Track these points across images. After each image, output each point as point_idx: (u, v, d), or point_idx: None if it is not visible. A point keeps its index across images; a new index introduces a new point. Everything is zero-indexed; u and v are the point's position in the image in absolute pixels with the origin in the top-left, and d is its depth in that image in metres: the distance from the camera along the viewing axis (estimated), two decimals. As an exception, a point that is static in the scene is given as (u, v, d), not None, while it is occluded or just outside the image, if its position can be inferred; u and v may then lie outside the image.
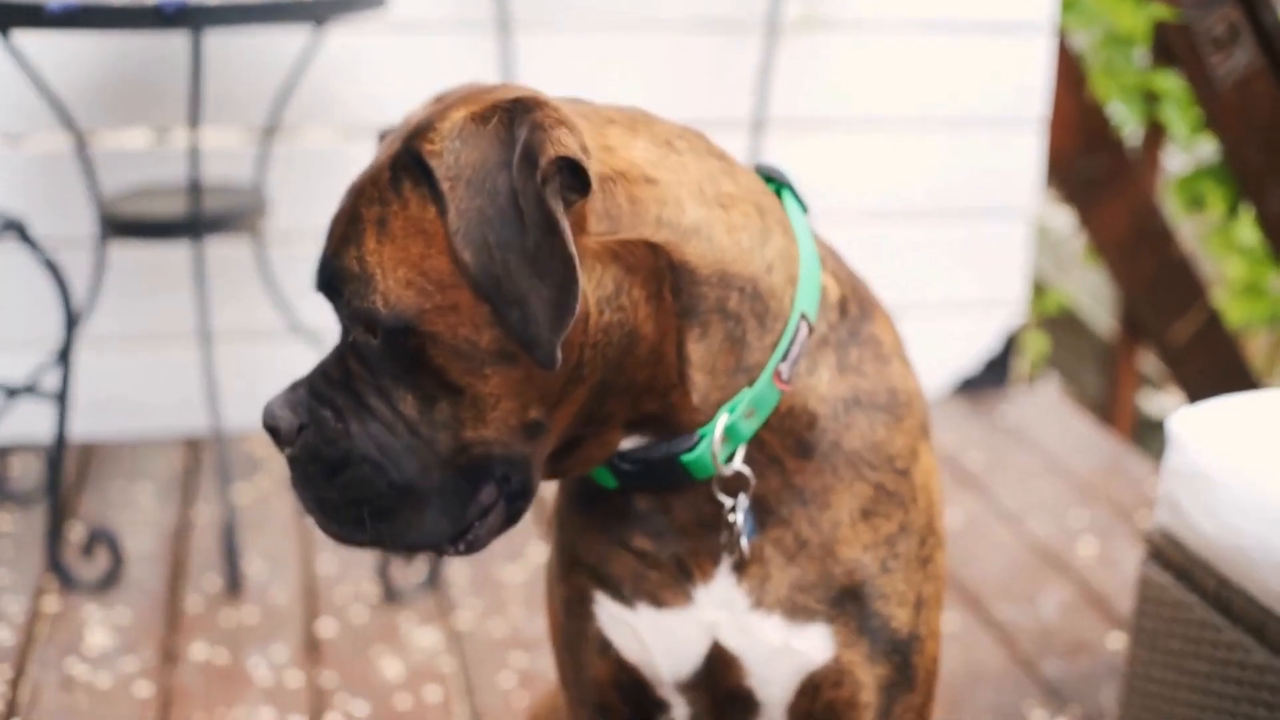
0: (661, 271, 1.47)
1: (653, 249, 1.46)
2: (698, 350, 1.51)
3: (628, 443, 1.57)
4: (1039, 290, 5.74)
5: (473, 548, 1.52)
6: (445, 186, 1.37)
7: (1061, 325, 5.83)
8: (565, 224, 1.35)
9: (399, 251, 1.40)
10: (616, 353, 1.46)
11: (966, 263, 4.61)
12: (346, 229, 1.44)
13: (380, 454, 1.45)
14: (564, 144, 1.36)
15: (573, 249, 1.35)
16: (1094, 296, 5.80)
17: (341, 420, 1.47)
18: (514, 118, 1.38)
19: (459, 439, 1.44)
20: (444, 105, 1.46)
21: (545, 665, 3.05)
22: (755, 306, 1.53)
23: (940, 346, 4.64)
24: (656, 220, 1.46)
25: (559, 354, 1.37)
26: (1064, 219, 6.09)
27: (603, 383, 1.48)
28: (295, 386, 1.52)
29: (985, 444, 4.33)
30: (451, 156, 1.37)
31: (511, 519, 1.53)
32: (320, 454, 1.48)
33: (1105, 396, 5.22)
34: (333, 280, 1.45)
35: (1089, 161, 4.80)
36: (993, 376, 4.74)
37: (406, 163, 1.41)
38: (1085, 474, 4.13)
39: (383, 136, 1.60)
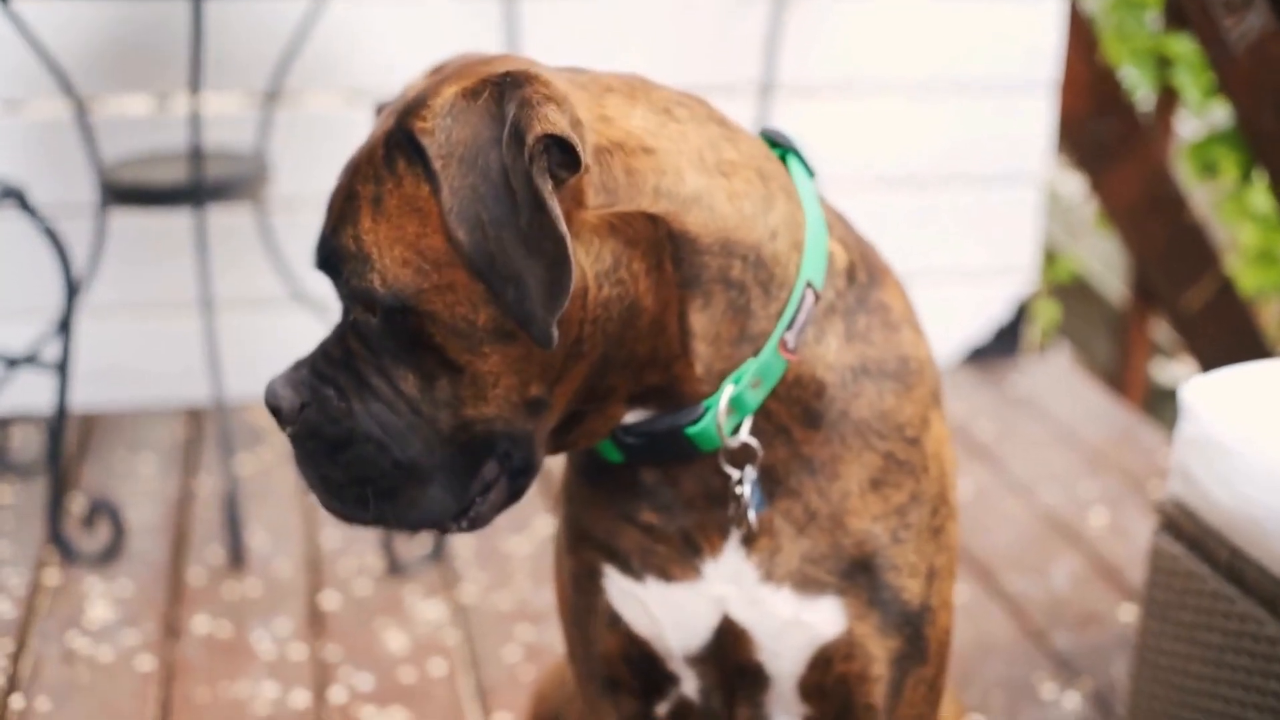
0: (661, 242, 1.46)
1: (652, 220, 1.45)
2: (700, 320, 1.49)
3: (632, 416, 1.57)
4: (1049, 257, 5.72)
5: (475, 524, 1.52)
6: (438, 165, 1.36)
7: (1072, 293, 5.81)
8: (554, 203, 1.34)
9: (394, 230, 1.39)
10: (617, 326, 1.45)
11: (976, 230, 4.59)
12: (343, 207, 1.44)
13: (383, 433, 1.45)
14: (551, 121, 1.34)
15: (563, 228, 1.34)
16: (1105, 264, 5.77)
17: (344, 399, 1.47)
18: (503, 93, 1.36)
19: (460, 417, 1.44)
20: (438, 79, 1.45)
21: (551, 638, 3.05)
22: (759, 274, 1.51)
23: (949, 315, 4.62)
24: (655, 191, 1.45)
25: (555, 332, 1.36)
26: (1075, 185, 6.06)
27: (604, 357, 1.47)
28: (298, 365, 1.52)
29: (995, 414, 4.32)
30: (443, 134, 1.36)
31: (514, 495, 1.53)
32: (323, 433, 1.48)
33: (1117, 365, 5.20)
34: (331, 259, 1.45)
35: (1100, 126, 4.77)
36: (1003, 345, 4.73)
37: (400, 140, 1.40)
38: (1096, 444, 4.12)
39: (380, 109, 1.59)
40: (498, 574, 3.31)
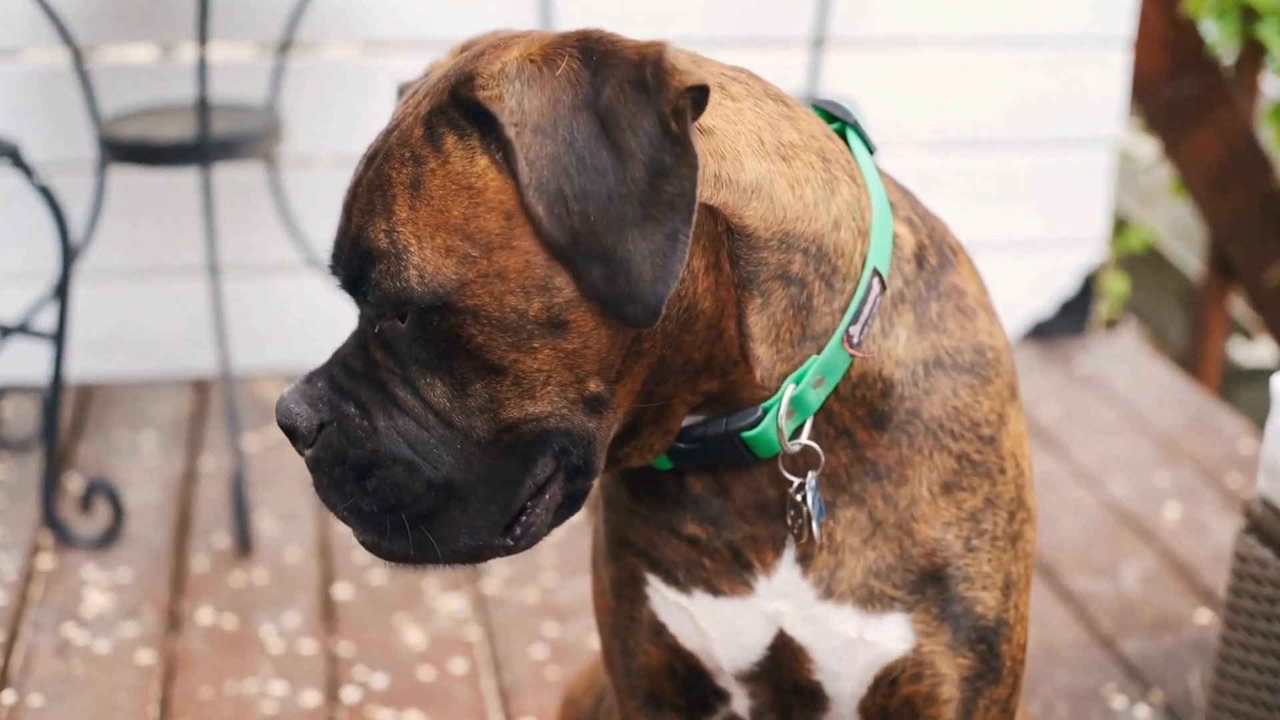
0: (719, 238, 1.41)
1: (710, 213, 1.40)
2: (759, 322, 1.45)
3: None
4: (1119, 226, 5.66)
5: (527, 537, 1.46)
6: (511, 133, 1.31)
7: (1143, 265, 5.75)
8: (699, 162, 1.30)
9: (436, 215, 1.34)
10: (675, 327, 1.41)
11: (1041, 196, 4.54)
12: (370, 199, 1.38)
13: (412, 452, 1.41)
14: (684, 71, 1.30)
15: (697, 191, 1.30)
16: (1179, 234, 5.71)
17: (367, 417, 1.42)
18: (589, 55, 1.32)
19: (499, 421, 1.39)
20: (480, 51, 1.39)
21: (579, 637, 3.02)
22: (821, 268, 1.47)
23: (1011, 287, 4.55)
24: (715, 179, 1.40)
25: (663, 309, 1.32)
26: (1148, 148, 6.00)
27: (661, 360, 1.42)
28: (312, 378, 1.46)
29: (1059, 396, 4.27)
30: (514, 100, 1.31)
31: (571, 500, 1.47)
32: (345, 456, 1.43)
33: (1191, 344, 5.15)
34: (357, 263, 1.39)
35: (1178, 85, 4.71)
36: (1068, 321, 4.67)
37: (451, 114, 1.35)
38: (1169, 430, 4.06)
39: (400, 91, 1.55)
40: (523, 566, 3.28)
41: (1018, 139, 4.47)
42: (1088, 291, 4.67)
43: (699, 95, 1.31)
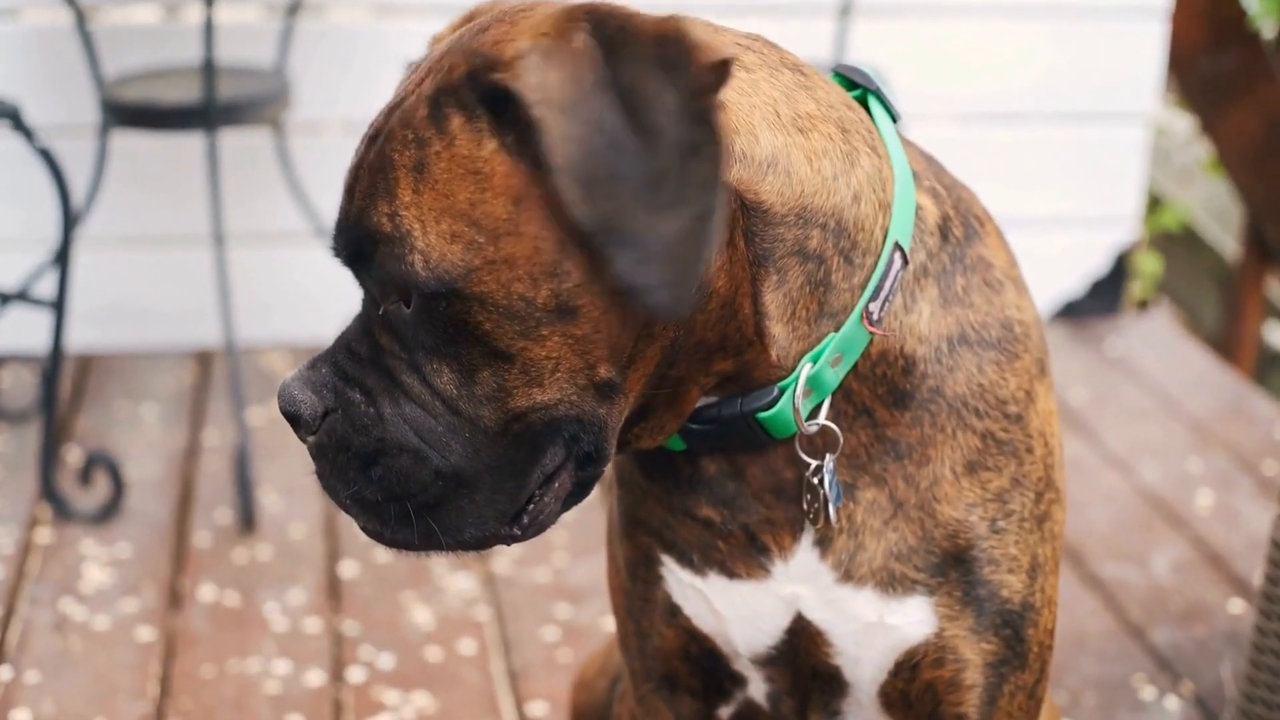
0: (734, 215, 1.40)
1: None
2: (775, 300, 1.44)
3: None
4: (1153, 204, 5.63)
5: (535, 525, 1.46)
6: (540, 112, 1.27)
7: (1178, 244, 5.73)
8: (727, 140, 1.28)
9: (441, 200, 1.33)
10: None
11: (1072, 172, 4.52)
12: (373, 181, 1.37)
13: (419, 440, 1.40)
14: (709, 45, 1.27)
15: (725, 172, 1.28)
16: (1215, 213, 5.68)
17: (373, 404, 1.41)
18: (602, 31, 1.29)
19: (506, 409, 1.38)
20: (486, 26, 1.37)
21: (592, 618, 3.02)
22: (840, 243, 1.46)
23: (1041, 266, 4.53)
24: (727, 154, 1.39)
25: (691, 296, 1.29)
26: (1184, 124, 5.97)
27: (674, 342, 1.41)
28: (315, 363, 1.45)
29: (1089, 378, 4.25)
30: (534, 77, 1.28)
31: (581, 487, 1.47)
32: (350, 443, 1.42)
33: (1226, 327, 5.13)
34: (359, 245, 1.38)
35: (1217, 58, 4.68)
36: (1099, 301, 4.66)
37: (463, 95, 1.33)
38: (1202, 415, 4.05)
39: (409, 68, 1.53)
40: (534, 545, 3.27)
41: (1050, 112, 4.46)
42: (1120, 271, 4.66)
43: (721, 70, 1.28)
